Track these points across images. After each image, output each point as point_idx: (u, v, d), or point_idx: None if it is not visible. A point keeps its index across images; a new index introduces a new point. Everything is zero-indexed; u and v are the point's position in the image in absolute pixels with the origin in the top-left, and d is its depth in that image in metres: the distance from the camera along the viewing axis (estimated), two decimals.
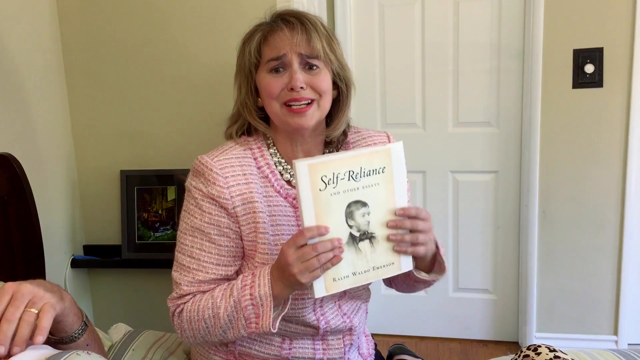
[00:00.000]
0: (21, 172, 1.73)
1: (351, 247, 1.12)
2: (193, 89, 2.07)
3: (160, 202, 2.12)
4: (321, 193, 1.08)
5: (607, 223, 2.46)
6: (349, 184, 1.10)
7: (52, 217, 2.03)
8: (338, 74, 1.29)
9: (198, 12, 2.01)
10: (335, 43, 1.28)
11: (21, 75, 1.91)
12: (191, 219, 1.25)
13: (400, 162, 1.14)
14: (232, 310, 1.17)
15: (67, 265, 2.14)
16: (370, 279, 1.16)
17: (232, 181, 1.23)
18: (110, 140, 2.14)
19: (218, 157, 1.25)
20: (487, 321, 2.80)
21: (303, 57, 1.23)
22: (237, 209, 1.22)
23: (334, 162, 1.09)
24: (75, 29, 2.09)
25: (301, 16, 1.26)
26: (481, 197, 2.69)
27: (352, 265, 1.12)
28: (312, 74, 1.24)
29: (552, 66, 2.38)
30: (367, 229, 1.13)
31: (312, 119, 1.25)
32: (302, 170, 1.06)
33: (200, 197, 1.23)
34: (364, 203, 1.12)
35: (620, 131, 2.38)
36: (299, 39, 1.23)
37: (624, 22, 2.30)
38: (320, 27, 1.26)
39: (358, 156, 1.11)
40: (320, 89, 1.25)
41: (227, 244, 1.24)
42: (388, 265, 1.16)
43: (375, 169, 1.12)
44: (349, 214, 1.11)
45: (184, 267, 1.26)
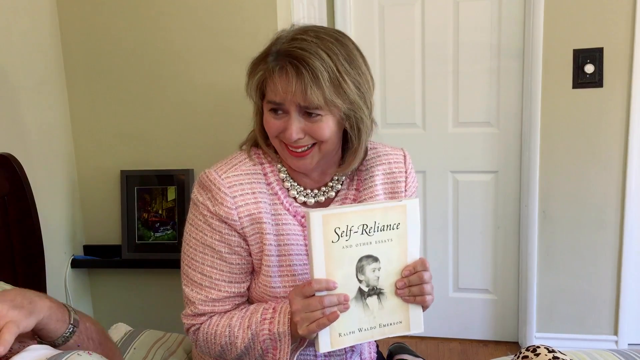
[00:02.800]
0: (21, 172, 1.73)
1: (359, 302, 1.11)
2: (193, 90, 2.07)
3: (160, 202, 2.12)
4: (333, 245, 1.06)
5: (607, 223, 2.46)
6: (362, 238, 1.08)
7: (52, 217, 2.03)
8: (347, 115, 1.17)
9: (199, 14, 2.01)
10: (347, 81, 1.14)
11: (21, 75, 1.91)
12: (200, 235, 1.22)
13: (415, 218, 1.12)
14: (250, 342, 1.18)
15: (67, 265, 2.14)
16: (376, 337, 1.14)
17: (240, 201, 1.19)
18: (111, 140, 2.14)
19: (227, 173, 1.21)
20: (487, 321, 2.81)
21: (302, 108, 1.15)
22: (245, 230, 1.21)
23: (348, 214, 1.07)
24: (75, 29, 2.09)
25: (299, 59, 1.11)
26: (481, 197, 2.69)
27: (358, 322, 1.11)
28: (312, 121, 1.16)
29: (552, 66, 2.39)
30: (376, 285, 1.11)
31: (312, 161, 1.21)
32: (315, 221, 1.05)
33: (209, 214, 1.21)
34: (375, 258, 1.11)
35: (620, 131, 2.38)
36: (295, 89, 1.12)
37: (624, 22, 2.30)
38: (322, 72, 1.11)
39: (373, 210, 1.09)
40: (319, 135, 1.17)
41: (239, 261, 1.23)
42: (396, 324, 1.14)
43: (389, 224, 1.10)
44: (360, 268, 1.10)
45: (195, 284, 1.24)
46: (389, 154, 1.34)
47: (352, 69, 1.16)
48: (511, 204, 2.65)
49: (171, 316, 2.13)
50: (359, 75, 1.17)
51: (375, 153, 1.33)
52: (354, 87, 1.15)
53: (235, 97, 2.04)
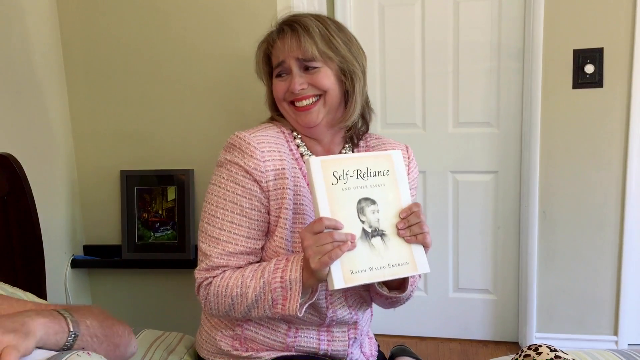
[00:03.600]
0: (21, 173, 1.73)
1: (365, 242, 1.17)
2: (193, 90, 2.07)
3: (160, 202, 2.12)
4: (334, 187, 1.16)
5: (607, 223, 2.46)
6: (357, 182, 1.18)
7: (52, 218, 2.03)
8: (342, 69, 1.33)
9: (199, 13, 2.01)
10: (337, 38, 1.32)
11: (21, 76, 1.91)
12: (223, 192, 1.28)
13: (401, 167, 1.23)
14: (260, 291, 1.22)
15: (67, 265, 2.13)
16: (387, 276, 1.18)
17: (268, 156, 1.27)
18: (111, 140, 2.14)
19: (255, 133, 1.31)
20: (487, 321, 2.80)
21: (300, 61, 1.31)
22: (269, 184, 1.27)
23: (343, 159, 1.19)
24: (76, 29, 2.09)
25: (294, 21, 1.33)
26: (481, 197, 2.69)
27: (368, 260, 1.16)
28: (311, 73, 1.32)
29: (552, 66, 2.39)
30: (377, 226, 1.18)
31: (318, 115, 1.33)
32: (315, 165, 1.15)
33: (235, 170, 1.27)
34: (373, 201, 1.19)
35: (620, 131, 2.38)
36: (290, 44, 1.31)
37: (624, 22, 2.30)
38: (314, 28, 1.31)
39: (364, 157, 1.21)
40: (320, 87, 1.32)
41: (257, 217, 1.28)
42: (403, 264, 1.19)
43: (380, 170, 1.21)
44: (360, 209, 1.18)
45: (213, 239, 1.28)
46: (392, 143, 1.46)
47: (340, 33, 1.34)
48: (511, 204, 2.65)
49: (171, 316, 2.13)
50: (348, 40, 1.35)
51: (381, 142, 1.45)
52: (343, 45, 1.33)
53: (235, 96, 2.04)
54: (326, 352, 1.37)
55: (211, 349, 1.41)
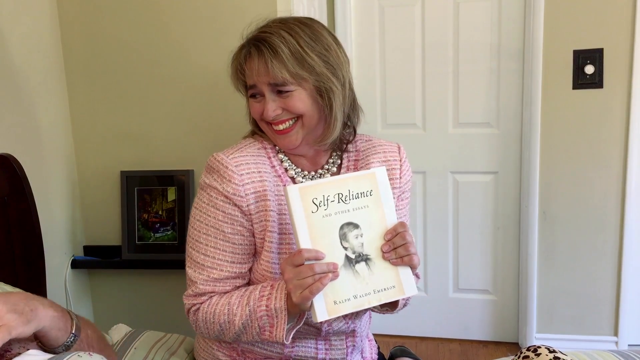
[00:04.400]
0: (21, 173, 1.73)
1: (349, 270, 1.13)
2: (193, 90, 2.07)
3: (160, 202, 2.12)
4: (314, 215, 1.12)
5: (608, 224, 2.46)
6: (339, 206, 1.14)
7: (52, 218, 2.03)
8: (317, 87, 1.24)
9: (198, 14, 2.01)
10: (311, 55, 1.22)
11: (21, 76, 1.91)
12: (205, 217, 1.25)
13: (386, 185, 1.18)
14: (247, 319, 1.20)
15: (68, 266, 2.13)
16: (373, 303, 1.15)
17: (247, 179, 1.23)
18: (111, 141, 2.14)
19: (233, 154, 1.26)
20: (487, 322, 2.80)
21: (272, 85, 1.24)
22: (250, 207, 1.23)
23: (323, 185, 1.14)
24: (76, 30, 2.09)
25: (260, 40, 1.23)
26: (481, 197, 2.69)
27: (352, 288, 1.13)
28: (284, 97, 1.24)
29: (552, 67, 2.39)
30: (361, 251, 1.15)
31: (297, 138, 1.27)
32: (293, 194, 1.11)
33: (215, 195, 1.24)
34: (355, 225, 1.15)
35: (620, 132, 2.38)
36: (258, 69, 1.23)
37: (624, 22, 2.30)
38: (282, 48, 1.20)
39: (345, 179, 1.16)
40: (295, 111, 1.25)
41: (241, 242, 1.25)
42: (389, 289, 1.15)
43: (362, 191, 1.16)
44: (343, 235, 1.14)
45: (198, 265, 1.26)
46: (383, 144, 1.39)
47: (316, 44, 1.23)
48: (511, 205, 2.65)
49: (172, 317, 2.13)
50: (325, 50, 1.24)
51: (371, 144, 1.38)
52: (319, 60, 1.23)
53: (235, 98, 2.04)
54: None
55: (209, 358, 1.40)
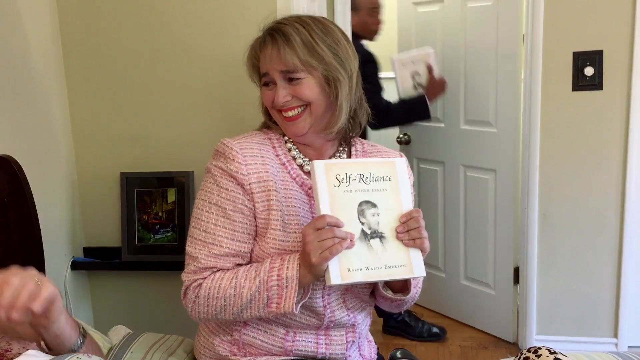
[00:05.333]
0: (21, 175, 1.73)
1: (364, 243, 1.20)
2: (193, 92, 2.07)
3: (160, 204, 2.12)
4: (336, 189, 1.20)
5: (607, 225, 2.46)
6: (360, 185, 1.22)
7: (52, 220, 2.03)
8: (326, 76, 1.31)
9: (199, 16, 2.02)
10: (321, 45, 1.30)
11: (21, 78, 1.91)
12: (208, 195, 1.31)
13: (404, 175, 1.27)
14: (256, 290, 1.23)
15: (67, 267, 2.13)
16: (383, 277, 1.21)
17: (250, 160, 1.30)
18: (111, 142, 2.14)
19: (239, 140, 1.34)
20: (488, 319, 2.84)
21: (283, 73, 1.30)
22: (252, 186, 1.29)
23: (347, 164, 1.23)
24: (76, 31, 2.09)
25: (275, 30, 1.32)
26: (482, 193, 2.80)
27: (365, 260, 1.19)
28: (294, 85, 1.31)
29: (552, 69, 2.39)
30: (377, 228, 1.21)
31: (305, 125, 1.33)
32: (319, 168, 1.19)
33: (219, 174, 1.30)
34: (373, 204, 1.23)
35: (620, 134, 2.38)
36: (271, 55, 1.31)
37: (624, 25, 2.31)
38: (295, 36, 1.28)
39: (367, 163, 1.26)
40: (304, 98, 1.31)
41: (241, 220, 1.30)
42: (400, 267, 1.21)
43: (382, 176, 1.24)
44: (361, 212, 1.21)
45: (199, 242, 1.30)
46: (388, 151, 1.48)
47: (327, 37, 1.31)
48: (510, 204, 2.70)
49: (171, 318, 2.13)
50: (335, 44, 1.32)
51: (377, 149, 1.47)
52: (328, 51, 1.30)
53: (235, 99, 2.04)
54: (324, 355, 1.37)
55: (209, 354, 1.41)
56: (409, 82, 2.69)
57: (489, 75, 2.65)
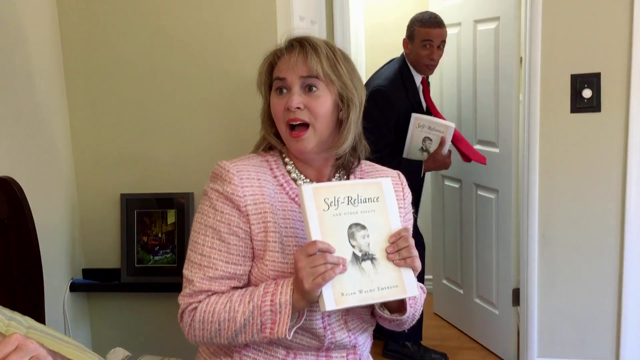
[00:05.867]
0: (22, 196, 1.73)
1: (355, 266, 1.21)
2: (194, 113, 2.08)
3: (160, 225, 2.12)
4: (325, 213, 1.21)
5: (607, 246, 2.46)
6: (348, 208, 1.23)
7: (51, 241, 2.03)
8: (340, 94, 1.33)
9: (201, 37, 2.03)
10: (342, 65, 1.33)
11: (22, 99, 1.92)
12: (204, 219, 1.32)
13: (391, 193, 1.28)
14: (250, 315, 1.23)
15: (66, 289, 2.12)
16: (377, 299, 1.22)
17: (246, 182, 1.31)
18: (111, 163, 2.15)
19: (236, 162, 1.35)
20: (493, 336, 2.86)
21: (303, 80, 1.31)
22: (248, 208, 1.29)
23: (335, 187, 1.24)
24: (78, 53, 2.10)
25: (304, 39, 1.34)
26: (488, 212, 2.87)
27: (358, 283, 1.20)
28: (312, 96, 1.31)
29: (550, 91, 2.41)
30: (367, 250, 1.23)
31: (309, 143, 1.33)
32: (307, 193, 1.20)
33: (215, 197, 1.31)
34: (363, 226, 1.24)
35: (618, 155, 2.39)
36: (296, 59, 1.31)
37: (621, 47, 2.33)
38: (322, 48, 1.32)
39: (355, 185, 1.28)
40: (315, 112, 1.31)
41: (236, 242, 1.30)
42: (392, 287, 1.22)
43: (370, 197, 1.26)
44: (351, 234, 1.23)
45: (195, 265, 1.30)
46: (385, 170, 1.49)
47: (346, 62, 1.35)
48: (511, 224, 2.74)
49: (171, 341, 2.12)
50: (352, 70, 1.36)
51: (374, 168, 1.48)
52: (346, 72, 1.34)
53: (236, 120, 2.05)
54: None
55: None
56: (418, 143, 2.65)
57: (491, 96, 2.71)
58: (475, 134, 2.92)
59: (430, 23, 2.67)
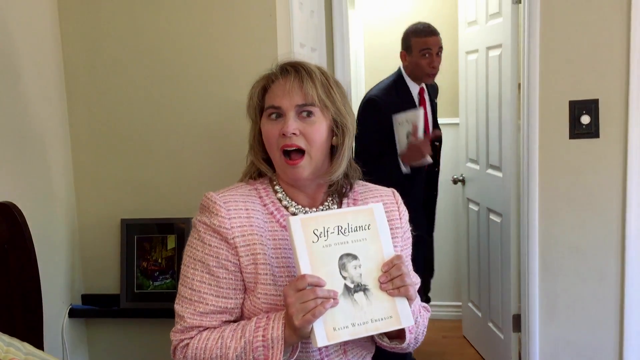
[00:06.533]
0: (22, 221, 1.73)
1: (347, 299, 1.17)
2: (194, 139, 2.09)
3: (160, 250, 2.12)
4: (314, 245, 1.17)
5: (608, 273, 2.45)
6: (339, 238, 1.20)
7: (51, 266, 2.02)
8: (335, 120, 1.33)
9: (202, 63, 2.05)
10: (335, 91, 1.33)
11: (24, 124, 1.93)
12: (193, 252, 1.30)
13: (382, 219, 1.24)
14: (242, 351, 1.20)
15: (65, 315, 2.11)
16: (371, 331, 1.18)
17: (234, 214, 1.29)
18: (112, 189, 2.15)
19: (223, 193, 1.33)
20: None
21: (299, 107, 1.30)
22: (236, 240, 1.27)
23: (324, 217, 1.21)
24: (79, 78, 2.12)
25: (298, 65, 1.33)
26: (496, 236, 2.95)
27: (350, 316, 1.16)
28: (307, 122, 1.30)
29: (548, 117, 2.42)
30: (360, 281, 1.19)
31: (305, 170, 1.31)
32: (295, 224, 1.17)
33: (203, 230, 1.29)
34: (354, 256, 1.20)
35: (617, 181, 2.39)
36: (292, 85, 1.30)
37: (618, 74, 2.35)
38: (317, 74, 1.31)
39: (345, 213, 1.23)
40: (311, 139, 1.30)
41: (225, 275, 1.28)
42: (386, 319, 1.18)
43: (361, 225, 1.22)
44: (342, 265, 1.19)
45: (185, 300, 1.29)
46: (379, 189, 1.46)
47: (339, 88, 1.35)
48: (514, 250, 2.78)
49: None
50: (343, 96, 1.36)
51: (367, 188, 1.46)
52: (340, 98, 1.34)
53: (236, 146, 2.06)
54: None
55: None
56: (404, 141, 2.68)
57: (497, 121, 2.77)
58: (487, 159, 3.00)
59: (426, 32, 2.75)
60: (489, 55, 2.88)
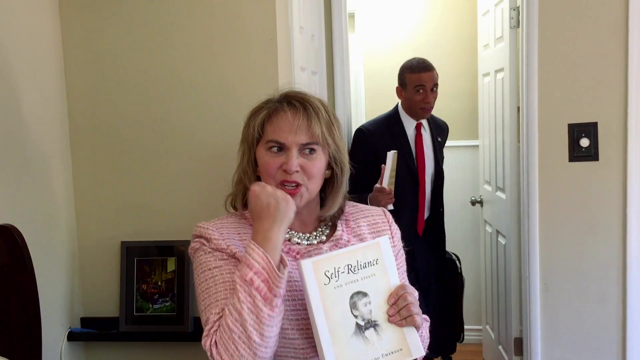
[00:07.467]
0: (22, 244, 1.73)
1: (359, 337, 1.20)
2: (194, 162, 2.10)
3: (160, 273, 2.11)
4: (326, 287, 1.19)
5: (610, 295, 2.44)
6: (349, 277, 1.22)
7: (51, 289, 2.01)
8: (334, 157, 1.35)
9: (200, 90, 2.06)
10: (335, 127, 1.35)
11: (25, 146, 1.94)
12: (203, 266, 1.30)
13: (389, 252, 1.27)
14: (246, 296, 1.16)
15: (64, 338, 2.10)
16: None
17: (227, 236, 1.33)
18: (112, 211, 2.15)
19: (214, 222, 1.37)
20: None
21: (302, 145, 1.30)
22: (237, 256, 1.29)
23: (334, 257, 1.23)
24: (81, 102, 2.13)
25: (305, 101, 1.33)
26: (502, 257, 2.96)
27: (363, 354, 1.19)
28: (308, 158, 1.31)
29: (548, 140, 2.43)
30: (370, 317, 1.22)
31: (301, 199, 1.32)
32: (307, 267, 1.19)
33: (202, 253, 1.32)
34: (364, 293, 1.23)
35: (617, 203, 2.40)
36: (300, 122, 1.29)
37: (617, 97, 2.36)
38: (322, 112, 1.32)
39: (354, 251, 1.25)
40: (310, 174, 1.31)
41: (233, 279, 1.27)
42: (397, 352, 1.21)
43: (369, 261, 1.24)
44: (353, 304, 1.21)
45: (207, 307, 1.25)
46: (369, 209, 1.49)
47: (337, 123, 1.37)
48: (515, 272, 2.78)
49: None
50: (340, 132, 1.37)
51: (358, 209, 1.48)
52: (338, 134, 1.35)
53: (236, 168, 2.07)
54: None
55: None
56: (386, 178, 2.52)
57: (501, 143, 2.80)
58: (496, 181, 3.04)
59: (420, 68, 2.74)
60: (497, 78, 2.92)
